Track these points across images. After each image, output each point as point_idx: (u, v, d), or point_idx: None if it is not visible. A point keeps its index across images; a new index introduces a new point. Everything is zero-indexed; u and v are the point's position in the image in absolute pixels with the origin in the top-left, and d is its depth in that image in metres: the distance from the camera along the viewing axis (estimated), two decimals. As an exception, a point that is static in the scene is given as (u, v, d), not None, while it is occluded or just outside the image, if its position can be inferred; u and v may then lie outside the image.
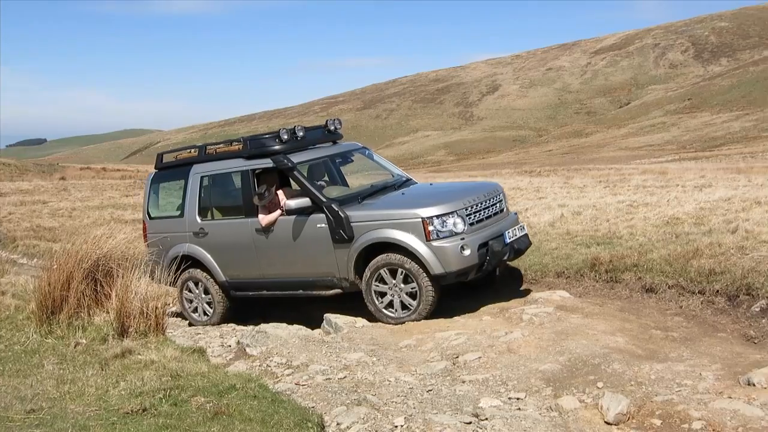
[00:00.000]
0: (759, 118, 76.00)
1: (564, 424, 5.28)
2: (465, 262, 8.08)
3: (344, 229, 8.51)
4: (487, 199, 8.72)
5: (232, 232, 9.64)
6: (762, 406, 5.04)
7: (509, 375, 6.26)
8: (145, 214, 10.64)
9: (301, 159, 9.32)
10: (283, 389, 6.17)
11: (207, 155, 9.98)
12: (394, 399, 5.88)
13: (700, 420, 4.98)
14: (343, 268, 8.75)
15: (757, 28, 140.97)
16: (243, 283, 9.76)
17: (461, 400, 5.79)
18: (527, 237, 9.06)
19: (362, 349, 7.36)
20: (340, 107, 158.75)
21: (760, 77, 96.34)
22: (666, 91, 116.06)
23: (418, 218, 8.11)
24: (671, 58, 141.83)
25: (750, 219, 9.59)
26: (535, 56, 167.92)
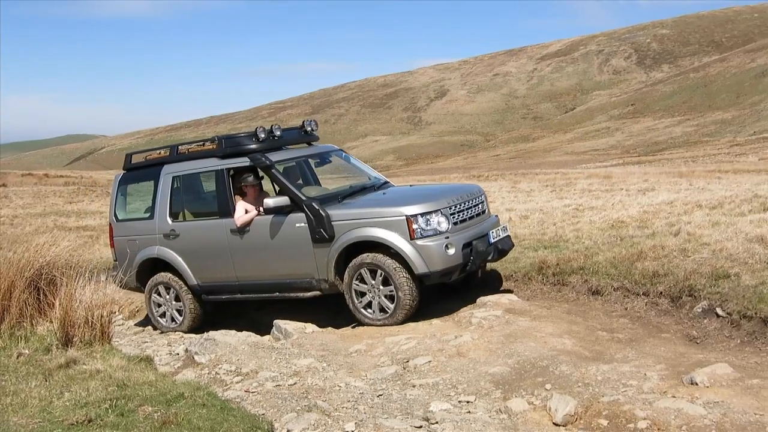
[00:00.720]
0: (699, 123, 77.87)
1: (513, 426, 5.33)
2: (449, 261, 7.95)
3: (325, 228, 8.30)
4: (470, 200, 8.61)
5: (205, 233, 9.38)
6: (705, 404, 5.15)
7: (459, 378, 6.30)
8: (112, 216, 10.32)
9: (280, 158, 9.14)
10: (232, 397, 6.11)
11: (179, 155, 9.70)
12: (345, 404, 5.87)
13: (645, 419, 5.08)
14: (322, 268, 8.53)
15: (696, 36, 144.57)
16: (216, 287, 9.47)
17: (412, 404, 5.81)
18: (510, 238, 9.00)
19: (312, 355, 7.33)
20: (288, 112, 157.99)
21: (700, 83, 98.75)
22: (610, 97, 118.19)
23: (402, 216, 7.96)
24: (615, 65, 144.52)
25: (692, 222, 9.81)
26: (483, 62, 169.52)
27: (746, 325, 6.55)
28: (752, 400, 5.18)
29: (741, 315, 6.64)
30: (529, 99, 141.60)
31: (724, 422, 4.90)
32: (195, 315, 9.73)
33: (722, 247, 8.11)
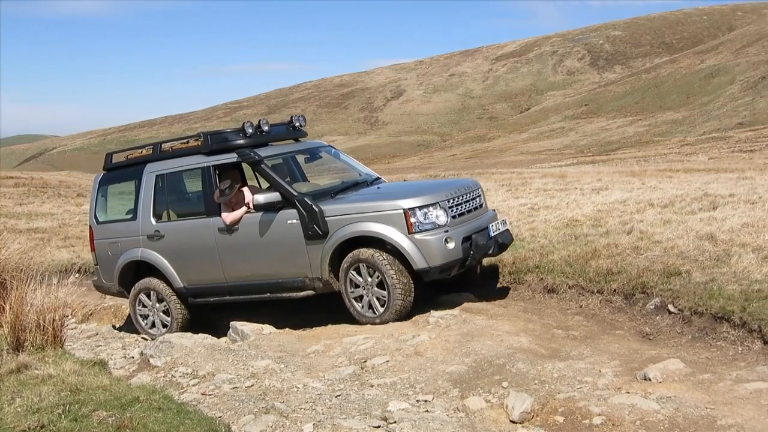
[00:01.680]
0: (651, 124, 79.24)
1: (471, 424, 5.37)
2: (449, 256, 7.70)
3: (318, 225, 8.00)
4: (467, 193, 8.35)
5: (191, 233, 9.04)
6: (658, 399, 5.24)
7: (417, 378, 6.31)
8: (92, 218, 9.95)
9: (268, 153, 8.86)
10: (188, 400, 6.04)
11: (162, 153, 9.37)
12: (303, 405, 5.85)
13: (600, 415, 5.15)
14: (316, 267, 8.22)
15: (648, 37, 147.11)
16: (203, 289, 9.13)
17: (370, 404, 5.81)
18: (509, 232, 8.74)
19: (270, 356, 7.29)
20: (244, 112, 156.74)
21: (651, 84, 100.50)
22: (564, 97, 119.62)
23: (400, 209, 7.69)
24: (568, 65, 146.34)
25: (644, 220, 9.97)
26: (439, 62, 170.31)
27: (697, 321, 6.68)
28: (703, 394, 5.29)
29: (692, 311, 6.77)
30: (485, 99, 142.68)
31: (676, 417, 5.00)
32: (183, 319, 9.39)
33: (673, 245, 8.26)
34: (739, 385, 5.40)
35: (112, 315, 11.49)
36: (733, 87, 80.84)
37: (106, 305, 11.83)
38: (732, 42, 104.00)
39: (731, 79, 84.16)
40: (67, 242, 16.24)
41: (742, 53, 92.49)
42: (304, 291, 8.43)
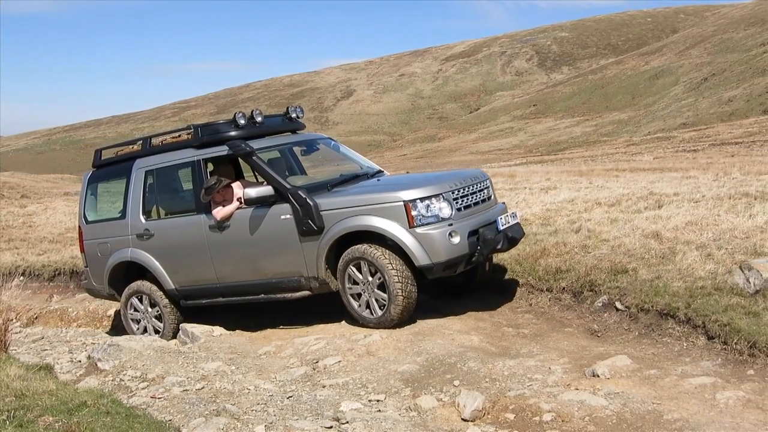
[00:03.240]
0: (598, 124, 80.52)
1: (423, 423, 5.39)
2: (454, 251, 7.17)
3: (313, 219, 7.51)
4: (473, 184, 7.81)
5: (181, 231, 8.59)
6: (606, 395, 5.34)
7: (369, 377, 6.32)
8: (81, 218, 9.54)
9: (262, 145, 8.38)
10: (138, 403, 5.95)
11: (152, 148, 8.94)
12: (254, 407, 5.81)
13: (550, 412, 5.22)
14: (311, 265, 7.73)
15: (594, 39, 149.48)
16: (195, 290, 8.68)
17: (322, 404, 5.79)
18: (520, 226, 8.14)
19: (220, 358, 7.22)
20: (192, 112, 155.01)
21: (597, 85, 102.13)
22: (513, 98, 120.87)
23: (400, 201, 7.18)
24: (517, 66, 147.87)
25: (592, 219, 10.12)
26: (389, 62, 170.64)
27: (643, 318, 6.81)
28: (650, 389, 5.40)
29: (638, 308, 6.90)
30: (435, 99, 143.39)
31: (624, 412, 5.09)
32: (176, 322, 8.92)
33: (620, 243, 8.40)
34: (684, 380, 5.52)
35: (58, 318, 11.26)
36: (676, 88, 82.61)
37: (52, 308, 11.59)
38: (675, 44, 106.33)
39: (675, 81, 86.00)
40: (11, 244, 15.83)
41: (685, 55, 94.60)
42: (300, 291, 7.97)
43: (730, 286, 6.51)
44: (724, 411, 4.97)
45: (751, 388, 5.28)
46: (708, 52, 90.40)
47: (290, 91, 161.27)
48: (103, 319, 10.64)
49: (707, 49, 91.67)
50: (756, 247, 7.27)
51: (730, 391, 5.23)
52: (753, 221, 8.41)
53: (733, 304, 6.25)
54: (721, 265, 7.01)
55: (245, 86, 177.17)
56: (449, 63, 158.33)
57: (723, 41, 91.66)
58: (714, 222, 8.63)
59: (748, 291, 6.36)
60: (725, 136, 42.19)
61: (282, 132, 9.17)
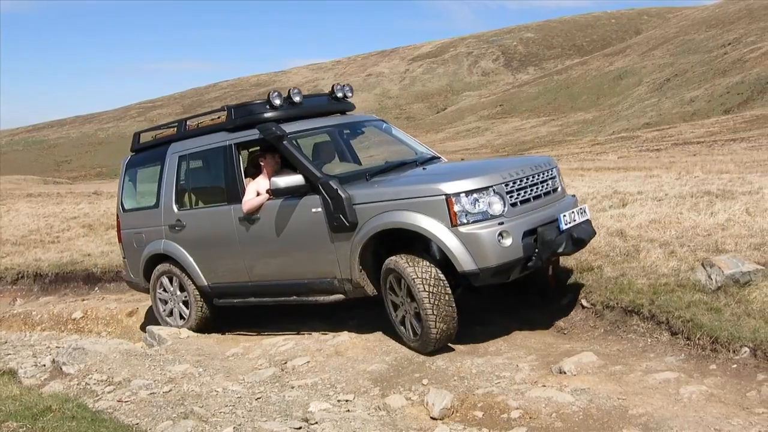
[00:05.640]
0: (563, 124, 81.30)
1: (392, 422, 5.40)
2: (505, 255, 6.13)
3: (344, 214, 6.61)
4: (535, 174, 6.74)
5: (211, 222, 7.90)
6: (572, 392, 5.40)
7: (338, 377, 6.32)
8: (119, 205, 9.00)
9: (296, 129, 7.51)
10: (104, 407, 5.89)
11: (187, 131, 8.30)
12: (223, 409, 5.78)
13: (518, 409, 5.27)
14: (344, 265, 6.88)
15: (560, 40, 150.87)
16: (228, 289, 8.02)
17: (291, 405, 5.78)
18: (590, 224, 6.99)
19: (188, 361, 7.17)
20: (158, 111, 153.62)
21: (563, 85, 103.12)
22: (479, 98, 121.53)
23: (441, 195, 6.15)
24: (483, 66, 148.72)
25: (557, 218, 10.19)
26: (356, 62, 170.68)
27: (609, 315, 6.89)
28: (615, 385, 5.47)
29: (604, 305, 6.97)
30: (402, 99, 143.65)
31: (590, 408, 5.15)
32: (203, 315, 8.36)
33: (586, 242, 8.48)
34: (648, 375, 5.60)
35: (21, 322, 11.10)
36: (640, 88, 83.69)
37: (15, 312, 11.42)
38: (639, 45, 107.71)
39: (638, 81, 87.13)
40: (-27, 247, 15.58)
41: (648, 56, 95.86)
42: (334, 294, 7.18)
43: (693, 283, 6.62)
44: (687, 405, 5.05)
45: (714, 382, 5.38)
46: (670, 53, 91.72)
47: (257, 91, 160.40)
48: (68, 322, 10.50)
49: (670, 51, 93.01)
50: (717, 245, 7.39)
51: (693, 385, 5.32)
52: (714, 219, 8.56)
53: (695, 300, 6.35)
54: (684, 263, 7.13)
55: (212, 86, 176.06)
56: (416, 63, 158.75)
57: (685, 42, 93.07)
58: (677, 220, 8.76)
59: (710, 287, 6.47)
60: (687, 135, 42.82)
61: (327, 113, 8.26)
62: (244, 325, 8.43)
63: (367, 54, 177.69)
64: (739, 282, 6.40)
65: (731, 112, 57.66)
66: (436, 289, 6.24)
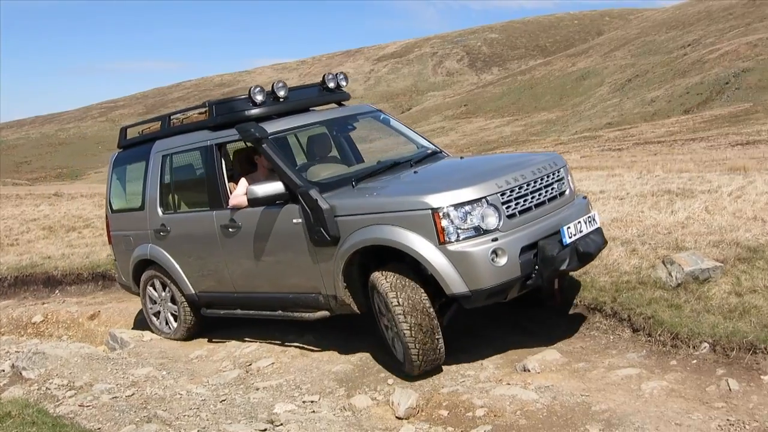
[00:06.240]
0: (527, 124, 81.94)
1: (357, 422, 5.40)
2: (500, 275, 5.49)
3: (325, 227, 5.97)
4: (539, 178, 6.03)
5: (195, 229, 7.34)
6: (536, 389, 5.44)
7: (303, 378, 6.30)
8: (108, 205, 8.52)
9: (278, 128, 6.84)
10: (65, 412, 5.80)
11: (170, 128, 7.68)
12: (187, 412, 5.72)
13: (482, 407, 5.29)
14: (328, 280, 6.27)
15: (523, 40, 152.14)
16: (214, 298, 7.51)
17: (256, 407, 5.75)
18: (600, 233, 6.24)
19: (151, 364, 7.10)
20: (120, 112, 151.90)
21: (526, 85, 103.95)
22: (444, 98, 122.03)
23: (427, 209, 5.48)
24: (448, 67, 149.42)
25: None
26: (321, 62, 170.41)
27: (572, 313, 6.95)
28: (579, 382, 5.52)
29: (567, 303, 7.04)
30: (367, 99, 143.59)
31: (554, 405, 5.20)
32: (191, 324, 7.91)
33: (549, 240, 8.54)
34: (611, 371, 5.66)
35: (-21, 327, 10.87)
36: (602, 89, 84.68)
37: (-28, 317, 11.19)
38: (601, 46, 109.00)
39: (600, 81, 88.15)
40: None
41: (610, 57, 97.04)
42: (320, 311, 6.56)
43: (654, 280, 6.70)
44: (649, 400, 5.12)
45: (674, 377, 5.45)
46: (632, 54, 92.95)
47: (221, 91, 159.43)
48: (28, 326, 10.32)
49: (631, 51, 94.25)
50: (678, 242, 7.50)
51: (655, 381, 5.39)
52: (675, 217, 8.68)
53: (656, 297, 6.43)
54: (645, 260, 7.21)
55: (175, 85, 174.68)
56: (381, 63, 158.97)
57: (646, 43, 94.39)
58: (638, 218, 8.86)
59: (670, 284, 6.56)
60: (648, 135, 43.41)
61: (320, 106, 7.71)
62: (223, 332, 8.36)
63: (332, 54, 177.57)
64: (699, 279, 6.50)
65: (691, 112, 58.59)
66: (418, 319, 5.63)
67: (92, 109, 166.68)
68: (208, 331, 7.92)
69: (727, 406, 4.94)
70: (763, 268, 6.55)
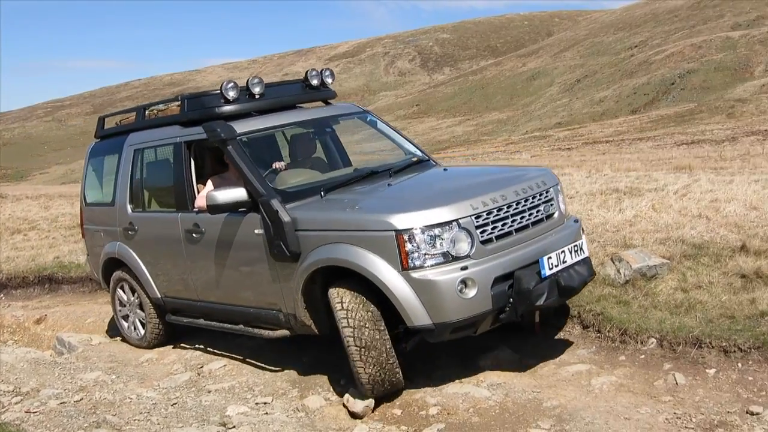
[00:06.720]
0: (478, 123, 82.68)
1: (311, 423, 5.38)
2: (468, 308, 4.99)
3: (285, 241, 5.49)
4: (523, 199, 5.47)
5: (161, 230, 6.97)
6: (489, 387, 5.48)
7: (255, 380, 6.26)
8: (82, 197, 8.17)
9: (249, 128, 6.31)
10: (11, 419, 5.66)
11: (144, 121, 7.28)
12: (137, 417, 5.64)
13: (436, 406, 5.32)
14: (288, 298, 5.78)
15: (474, 41, 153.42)
16: (179, 305, 7.09)
17: (208, 410, 5.69)
18: (587, 264, 5.69)
19: (100, 368, 6.98)
20: (67, 111, 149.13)
21: (477, 86, 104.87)
22: (396, 98, 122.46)
23: (391, 230, 4.98)
24: (400, 67, 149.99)
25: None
26: (272, 61, 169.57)
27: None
28: (530, 379, 5.58)
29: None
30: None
31: (506, 402, 5.25)
32: (158, 330, 7.49)
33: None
34: (562, 368, 5.74)
35: None
36: (552, 89, 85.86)
37: None
38: (551, 47, 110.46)
39: (550, 82, 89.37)
40: None
41: (560, 57, 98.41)
42: (280, 330, 6.08)
43: (603, 277, 6.81)
44: (598, 396, 5.21)
45: (623, 373, 5.55)
46: (581, 54, 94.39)
47: (170, 90, 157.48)
48: None
49: (580, 52, 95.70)
50: (626, 240, 7.63)
51: (604, 376, 5.48)
52: (623, 215, 8.83)
53: (605, 294, 6.54)
54: (594, 258, 7.30)
55: (123, 85, 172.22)
56: (333, 63, 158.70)
57: (594, 45, 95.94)
58: (587, 216, 9.00)
59: (618, 281, 6.67)
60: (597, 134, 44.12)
61: (303, 104, 7.20)
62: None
63: (283, 53, 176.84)
64: (646, 275, 6.62)
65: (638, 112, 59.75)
66: (369, 343, 5.18)
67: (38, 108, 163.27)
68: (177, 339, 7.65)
69: (674, 400, 5.05)
70: (708, 265, 6.71)
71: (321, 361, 6.44)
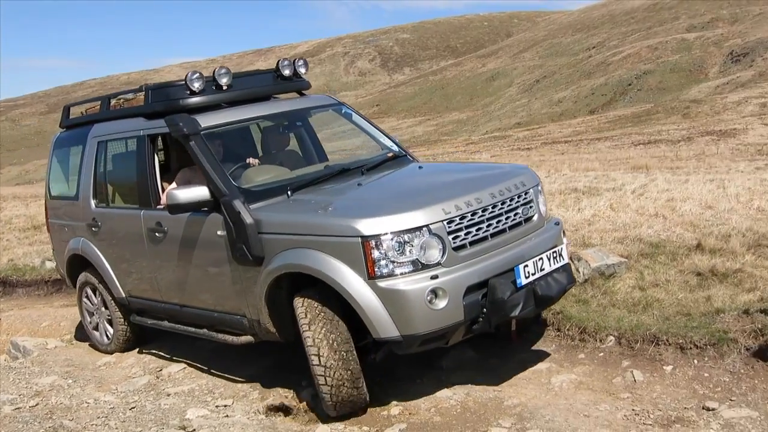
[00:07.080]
0: (439, 123, 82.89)
1: (272, 425, 5.35)
2: (438, 320, 4.72)
3: (247, 244, 5.25)
4: (500, 201, 5.20)
5: (123, 227, 6.66)
6: (450, 386, 5.52)
7: (216, 383, 6.21)
8: (47, 190, 7.88)
9: (214, 122, 6.00)
10: (-37, 426, 5.55)
11: (109, 112, 6.97)
12: (94, 422, 5.55)
13: (397, 406, 5.33)
14: (252, 303, 5.53)
15: (434, 41, 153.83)
16: (144, 305, 6.82)
17: (167, 414, 5.62)
18: (567, 271, 5.45)
19: (56, 372, 6.86)
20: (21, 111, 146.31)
21: (438, 86, 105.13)
22: (357, 98, 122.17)
23: (356, 236, 4.71)
24: (360, 66, 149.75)
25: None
26: (231, 61, 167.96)
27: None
28: (491, 378, 5.62)
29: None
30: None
31: (467, 401, 5.27)
32: (125, 334, 7.25)
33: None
34: (522, 367, 5.78)
35: None
36: (511, 89, 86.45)
37: None
38: (510, 47, 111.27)
39: (510, 82, 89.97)
40: None
41: (519, 58, 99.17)
42: (245, 336, 5.87)
43: (562, 276, 6.87)
44: (558, 393, 5.26)
45: (582, 370, 5.61)
46: (540, 55, 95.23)
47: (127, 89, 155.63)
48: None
49: (539, 53, 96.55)
50: (584, 239, 7.72)
51: (564, 374, 5.54)
52: (581, 215, 8.93)
53: (565, 293, 6.60)
54: (554, 257, 7.39)
55: (79, 84, 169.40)
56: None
57: (553, 45, 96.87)
58: (547, 216, 9.09)
59: (578, 280, 6.75)
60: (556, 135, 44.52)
61: (275, 95, 6.90)
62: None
63: (242, 53, 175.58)
64: (605, 274, 6.70)
65: (596, 112, 60.44)
66: (331, 355, 4.93)
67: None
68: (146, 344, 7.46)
69: (633, 397, 5.12)
70: (665, 263, 6.82)
71: (282, 363, 6.41)
